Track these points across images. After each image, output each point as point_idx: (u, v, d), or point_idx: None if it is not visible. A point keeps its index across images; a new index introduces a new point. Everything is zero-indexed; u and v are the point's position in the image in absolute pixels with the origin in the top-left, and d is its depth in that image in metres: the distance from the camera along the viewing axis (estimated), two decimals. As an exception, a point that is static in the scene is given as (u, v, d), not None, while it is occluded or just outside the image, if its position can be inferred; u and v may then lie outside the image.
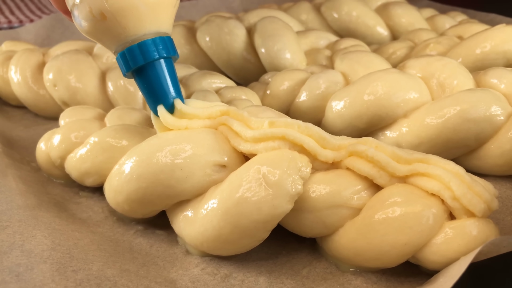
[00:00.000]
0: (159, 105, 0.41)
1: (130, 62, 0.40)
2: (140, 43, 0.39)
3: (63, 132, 0.47)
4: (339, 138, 0.39)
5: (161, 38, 0.40)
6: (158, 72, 0.40)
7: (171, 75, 0.41)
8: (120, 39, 0.39)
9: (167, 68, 0.41)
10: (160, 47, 0.40)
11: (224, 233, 0.37)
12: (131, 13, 0.38)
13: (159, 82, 0.40)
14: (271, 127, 0.39)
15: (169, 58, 0.41)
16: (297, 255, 0.41)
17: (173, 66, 0.41)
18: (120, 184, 0.40)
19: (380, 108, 0.49)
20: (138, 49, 0.39)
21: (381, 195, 0.37)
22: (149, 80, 0.40)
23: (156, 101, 0.41)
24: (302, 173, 0.36)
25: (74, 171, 0.46)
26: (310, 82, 0.55)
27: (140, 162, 0.40)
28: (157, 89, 0.40)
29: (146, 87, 0.41)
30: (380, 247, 0.35)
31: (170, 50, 0.41)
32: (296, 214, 0.37)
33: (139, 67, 0.40)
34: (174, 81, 0.41)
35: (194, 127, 0.41)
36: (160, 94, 0.40)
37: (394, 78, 0.49)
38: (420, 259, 0.36)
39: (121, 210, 0.42)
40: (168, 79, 0.41)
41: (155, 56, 0.40)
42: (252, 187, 0.36)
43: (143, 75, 0.40)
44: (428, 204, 0.35)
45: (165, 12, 0.40)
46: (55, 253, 0.37)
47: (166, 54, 0.40)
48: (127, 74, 0.41)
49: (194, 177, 0.39)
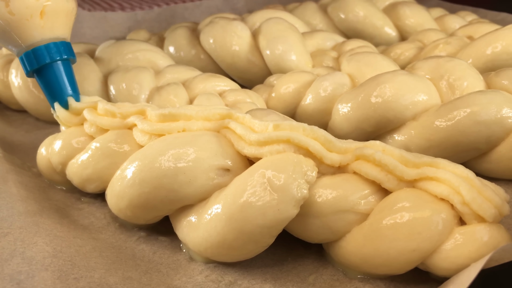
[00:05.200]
0: (55, 102, 0.46)
1: (27, 65, 0.46)
2: (34, 48, 0.45)
3: (64, 137, 0.46)
4: (345, 141, 0.38)
5: (55, 44, 0.46)
6: (52, 73, 0.46)
7: (67, 75, 0.47)
8: (17, 45, 0.46)
9: (63, 69, 0.46)
10: (53, 52, 0.46)
11: (229, 238, 0.36)
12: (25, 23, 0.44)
13: (54, 81, 0.46)
14: (276, 130, 0.38)
15: (65, 60, 0.47)
16: (303, 261, 0.40)
17: (69, 67, 0.47)
18: (122, 189, 0.40)
19: (388, 111, 0.48)
20: (32, 54, 0.45)
21: (389, 200, 0.36)
22: (46, 80, 0.46)
23: (53, 98, 0.46)
24: (308, 177, 0.36)
25: (75, 177, 0.45)
26: (316, 84, 0.54)
27: (143, 166, 0.39)
28: (53, 88, 0.46)
29: (44, 86, 0.47)
30: (388, 254, 0.34)
31: (63, 53, 0.46)
32: (301, 219, 0.37)
33: (36, 69, 0.46)
34: (70, 80, 0.47)
35: (193, 129, 0.40)
36: (56, 92, 0.46)
37: (402, 79, 0.48)
38: (429, 266, 0.35)
39: (124, 216, 0.41)
40: (63, 79, 0.46)
41: (47, 60, 0.45)
42: (256, 192, 0.35)
43: (40, 75, 0.46)
44: (437, 209, 0.34)
45: (59, 21, 0.46)
46: (56, 260, 0.37)
47: (59, 57, 0.46)
48: (29, 74, 0.47)
49: (198, 181, 0.38)
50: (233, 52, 0.66)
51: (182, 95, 0.55)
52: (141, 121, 0.42)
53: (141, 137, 0.42)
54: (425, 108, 0.48)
